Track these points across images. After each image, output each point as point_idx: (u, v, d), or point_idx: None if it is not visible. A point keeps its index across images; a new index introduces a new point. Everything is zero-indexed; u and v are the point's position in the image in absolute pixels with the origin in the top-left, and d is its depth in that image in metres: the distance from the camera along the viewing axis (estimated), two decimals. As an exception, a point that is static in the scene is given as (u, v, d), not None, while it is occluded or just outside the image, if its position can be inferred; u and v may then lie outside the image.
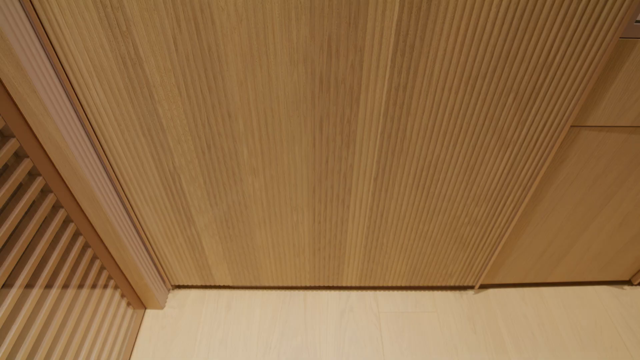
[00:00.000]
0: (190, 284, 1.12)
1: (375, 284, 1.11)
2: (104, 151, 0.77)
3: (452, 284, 1.11)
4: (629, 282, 1.19)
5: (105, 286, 0.90)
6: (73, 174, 0.73)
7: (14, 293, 0.63)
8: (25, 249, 0.67)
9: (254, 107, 0.69)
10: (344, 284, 1.11)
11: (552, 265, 1.08)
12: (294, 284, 1.11)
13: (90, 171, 0.75)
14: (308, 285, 1.12)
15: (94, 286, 0.85)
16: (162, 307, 1.10)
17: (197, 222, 0.91)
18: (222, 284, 1.12)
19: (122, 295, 0.97)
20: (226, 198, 0.85)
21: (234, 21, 0.59)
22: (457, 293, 1.15)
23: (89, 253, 0.83)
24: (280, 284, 1.11)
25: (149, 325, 1.07)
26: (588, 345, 1.05)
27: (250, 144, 0.75)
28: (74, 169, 0.72)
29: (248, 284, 1.11)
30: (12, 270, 0.64)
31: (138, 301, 1.06)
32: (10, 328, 0.63)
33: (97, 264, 0.86)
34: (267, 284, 1.11)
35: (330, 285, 1.13)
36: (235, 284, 1.11)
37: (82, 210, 0.80)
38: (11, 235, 0.64)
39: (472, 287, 1.17)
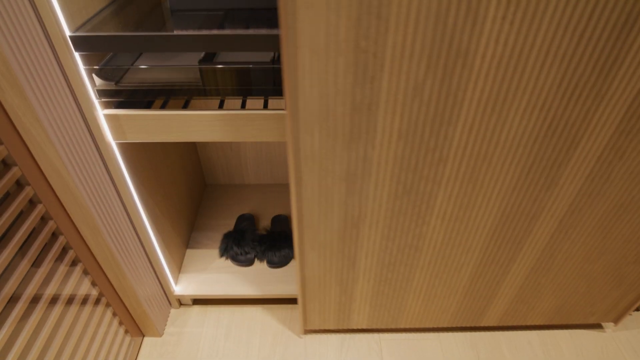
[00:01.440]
0: (325, 328, 1.08)
1: (515, 324, 1.08)
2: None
3: (591, 322, 1.09)
4: None
5: (103, 314, 0.91)
6: (73, 201, 0.74)
7: (10, 321, 0.63)
8: (24, 276, 0.68)
9: (470, 151, 0.68)
10: (482, 324, 1.08)
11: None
12: (431, 326, 1.07)
13: (91, 198, 0.76)
14: (445, 326, 1.09)
15: (92, 313, 0.86)
16: (160, 335, 1.11)
17: (358, 266, 0.88)
18: (357, 327, 1.08)
19: (120, 323, 0.98)
20: (399, 241, 0.83)
21: (487, 67, 0.58)
22: (594, 332, 1.12)
23: (87, 280, 0.84)
24: (418, 326, 1.07)
25: (147, 353, 1.07)
26: None
27: (449, 187, 0.73)
28: (74, 196, 0.73)
29: (384, 327, 1.07)
30: (10, 297, 0.64)
31: (136, 328, 1.06)
32: (6, 357, 0.63)
33: (95, 291, 0.87)
34: (404, 326, 1.07)
35: (469, 326, 1.09)
36: (371, 327, 1.07)
37: (82, 237, 0.81)
38: (10, 262, 0.65)
39: (601, 325, 1.14)
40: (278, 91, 0.70)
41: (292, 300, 1.19)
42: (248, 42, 0.62)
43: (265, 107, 0.73)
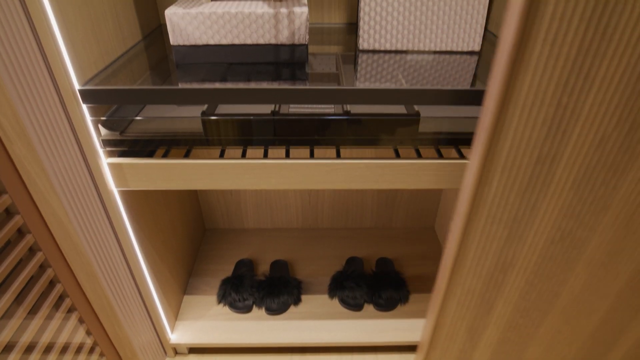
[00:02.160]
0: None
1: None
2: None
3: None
4: None
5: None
6: (73, 249, 0.74)
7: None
8: (19, 325, 0.67)
9: (633, 199, 0.68)
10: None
11: None
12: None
13: (91, 246, 0.77)
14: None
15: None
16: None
17: (494, 312, 0.86)
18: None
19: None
20: (541, 287, 0.81)
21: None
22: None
23: (82, 328, 0.83)
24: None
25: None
26: None
27: (603, 234, 0.72)
28: (74, 244, 0.74)
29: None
30: (5, 346, 0.64)
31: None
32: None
33: (90, 340, 0.86)
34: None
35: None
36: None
37: (79, 285, 0.81)
38: (7, 311, 0.65)
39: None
40: (279, 141, 0.72)
41: (295, 349, 1.16)
42: (248, 95, 0.64)
43: (266, 155, 0.75)
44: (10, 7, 0.55)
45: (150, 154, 0.77)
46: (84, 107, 0.69)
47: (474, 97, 0.66)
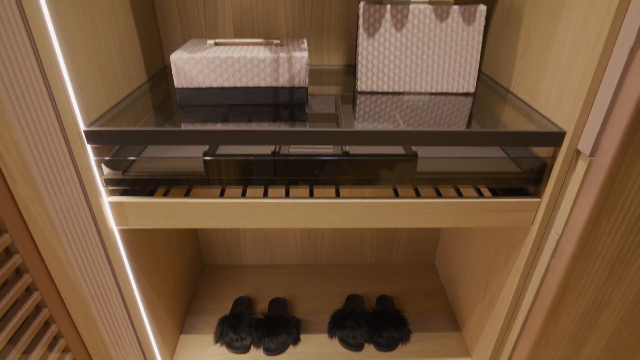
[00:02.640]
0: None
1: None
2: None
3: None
4: None
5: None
6: (70, 288, 0.75)
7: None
8: None
9: None
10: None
11: None
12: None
13: (88, 285, 0.77)
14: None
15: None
16: None
17: (583, 351, 0.85)
18: None
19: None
20: (634, 325, 0.79)
21: None
22: None
23: None
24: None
25: None
26: None
27: None
28: (72, 283, 0.74)
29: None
30: None
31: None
32: None
33: None
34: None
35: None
36: None
37: (75, 326, 0.81)
38: (1, 351, 0.65)
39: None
40: (279, 181, 0.73)
41: (289, 392, 1.13)
42: (249, 137, 0.66)
43: (265, 194, 0.76)
44: (22, 51, 0.58)
45: (150, 193, 0.78)
46: (88, 147, 0.70)
47: (469, 138, 0.68)
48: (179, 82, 0.75)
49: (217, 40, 0.79)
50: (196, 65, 0.73)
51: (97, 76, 0.72)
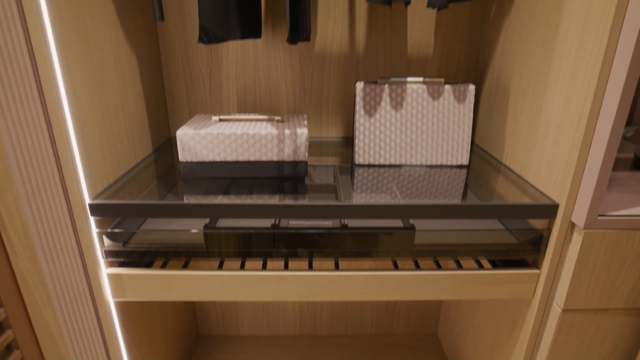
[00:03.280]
0: None
1: None
2: None
3: None
4: None
5: None
6: None
7: None
8: None
9: None
10: None
11: None
12: None
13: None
14: None
15: None
16: None
17: None
18: None
19: None
20: None
21: None
22: None
23: None
24: None
25: None
26: None
27: None
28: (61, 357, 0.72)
29: None
30: None
31: None
32: None
33: None
34: None
35: None
36: None
37: None
38: None
39: None
40: (278, 253, 0.73)
41: None
42: (249, 211, 0.68)
43: (265, 267, 0.76)
44: (36, 128, 0.61)
45: (149, 265, 0.78)
46: (92, 219, 0.71)
47: (464, 211, 0.70)
48: (183, 156, 0.78)
49: (222, 117, 0.83)
50: (201, 140, 0.77)
51: (105, 151, 0.75)
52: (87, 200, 0.69)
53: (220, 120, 0.83)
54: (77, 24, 0.66)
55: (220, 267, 0.76)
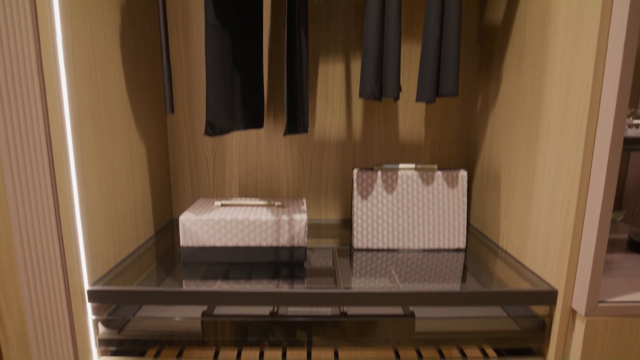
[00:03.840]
0: None
1: None
2: None
3: None
4: None
5: None
6: None
7: None
8: None
9: None
10: None
11: None
12: None
13: None
14: None
15: None
16: None
17: None
18: None
19: None
20: None
21: None
22: None
23: None
24: None
25: None
26: None
27: None
28: None
29: None
30: None
31: None
32: None
33: None
34: None
35: None
36: None
37: None
38: None
39: None
40: (276, 342, 0.72)
41: None
42: (248, 299, 0.67)
43: (261, 357, 0.73)
44: (46, 218, 0.63)
45: (142, 353, 0.76)
46: (89, 305, 0.71)
47: (463, 298, 0.69)
48: (184, 241, 0.80)
49: (224, 202, 0.86)
50: (202, 226, 0.79)
51: (108, 237, 0.76)
52: (87, 286, 0.69)
53: (222, 205, 0.86)
54: (94, 116, 0.71)
55: (215, 357, 0.73)
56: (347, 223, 1.11)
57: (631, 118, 0.88)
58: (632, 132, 0.85)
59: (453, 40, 0.77)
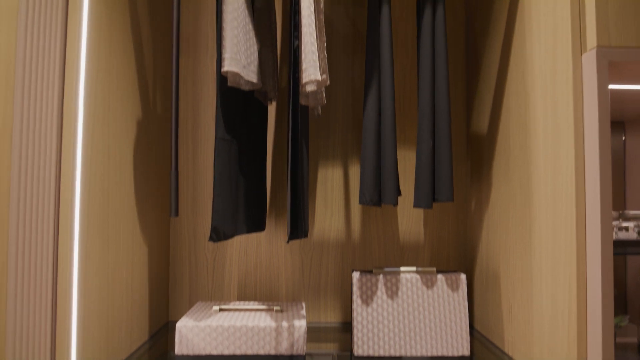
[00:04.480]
0: None
1: None
2: None
3: None
4: None
5: None
6: None
7: None
8: None
9: None
10: None
11: None
12: None
13: None
14: None
15: None
16: None
17: None
18: None
19: None
20: None
21: None
22: None
23: None
24: None
25: None
26: None
27: None
28: None
29: None
30: None
31: None
32: None
33: None
34: None
35: None
36: None
37: None
38: None
39: None
40: None
41: None
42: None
43: None
44: (41, 333, 0.62)
45: None
46: None
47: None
48: (180, 349, 0.77)
49: (222, 307, 0.85)
50: (199, 333, 0.77)
51: (102, 344, 0.74)
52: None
53: (221, 310, 0.85)
54: (102, 226, 0.74)
55: None
56: (346, 326, 1.08)
57: (620, 220, 0.91)
58: (623, 235, 0.87)
59: (445, 149, 0.83)
